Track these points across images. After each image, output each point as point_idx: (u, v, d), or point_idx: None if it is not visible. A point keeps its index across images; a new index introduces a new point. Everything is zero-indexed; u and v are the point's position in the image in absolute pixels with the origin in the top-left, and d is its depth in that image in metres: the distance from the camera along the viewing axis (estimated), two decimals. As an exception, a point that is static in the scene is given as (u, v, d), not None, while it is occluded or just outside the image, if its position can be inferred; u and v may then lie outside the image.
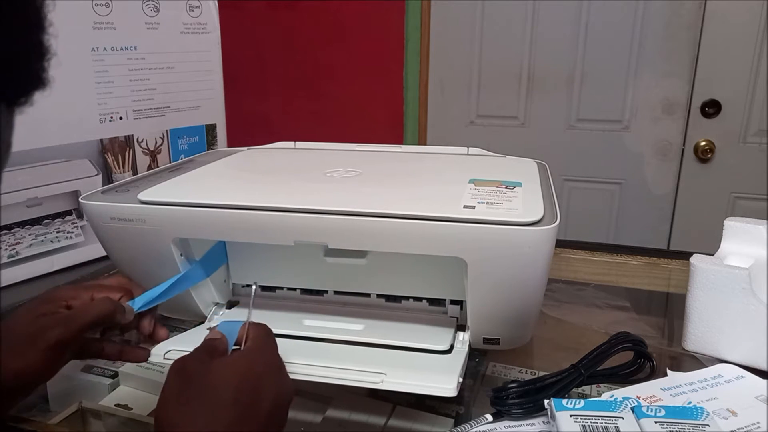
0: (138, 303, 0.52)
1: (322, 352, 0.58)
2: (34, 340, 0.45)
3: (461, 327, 0.62)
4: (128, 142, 0.99)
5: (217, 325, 0.48)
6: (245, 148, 0.86)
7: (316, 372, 0.52)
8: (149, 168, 1.01)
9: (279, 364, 0.45)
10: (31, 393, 0.47)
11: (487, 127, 1.83)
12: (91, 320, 0.47)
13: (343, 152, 0.83)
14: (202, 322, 0.65)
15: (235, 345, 0.47)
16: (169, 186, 0.65)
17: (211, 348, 0.45)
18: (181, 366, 0.42)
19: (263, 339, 0.46)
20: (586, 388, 0.59)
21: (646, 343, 0.62)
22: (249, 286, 0.69)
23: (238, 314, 0.66)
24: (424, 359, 0.56)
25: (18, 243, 0.87)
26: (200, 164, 0.75)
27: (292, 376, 0.46)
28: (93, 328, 0.48)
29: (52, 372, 0.47)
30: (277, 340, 0.60)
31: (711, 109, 1.61)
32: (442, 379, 0.51)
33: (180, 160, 0.80)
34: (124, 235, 0.60)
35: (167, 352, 0.54)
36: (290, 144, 0.87)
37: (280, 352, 0.46)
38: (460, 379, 0.52)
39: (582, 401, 0.50)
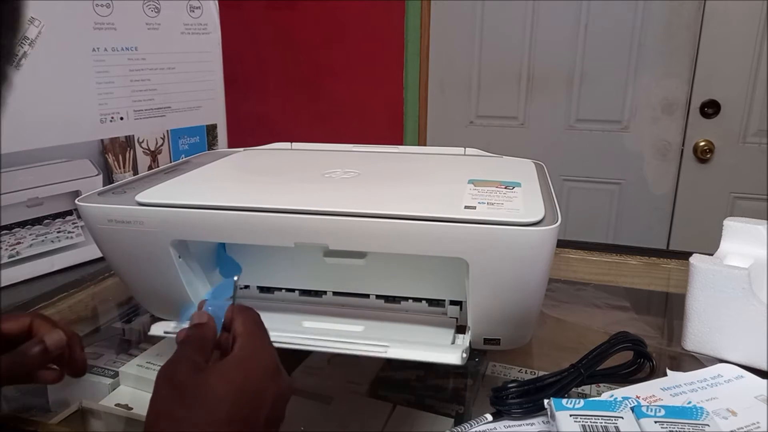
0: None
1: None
2: None
3: (461, 327, 0.62)
4: (129, 142, 0.99)
5: (204, 303, 0.44)
6: (242, 149, 0.86)
7: (320, 343, 0.52)
8: (150, 168, 1.01)
9: (275, 363, 0.42)
10: None
11: (486, 128, 1.83)
12: None
13: (339, 153, 0.83)
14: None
15: (223, 329, 0.43)
16: (167, 187, 0.64)
17: (200, 340, 0.41)
18: (170, 375, 0.38)
19: (253, 328, 0.42)
20: (586, 388, 0.59)
21: (645, 343, 0.62)
22: (247, 287, 0.69)
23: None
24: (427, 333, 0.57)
25: (18, 243, 0.87)
26: (197, 165, 0.75)
27: (294, 347, 0.44)
28: None
29: None
30: (277, 341, 0.60)
31: (710, 109, 1.61)
32: (447, 350, 0.52)
33: (176, 162, 0.80)
34: (121, 237, 0.60)
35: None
36: (287, 145, 0.87)
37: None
38: (464, 355, 0.52)
39: (582, 401, 0.50)
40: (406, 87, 1.85)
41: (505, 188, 0.61)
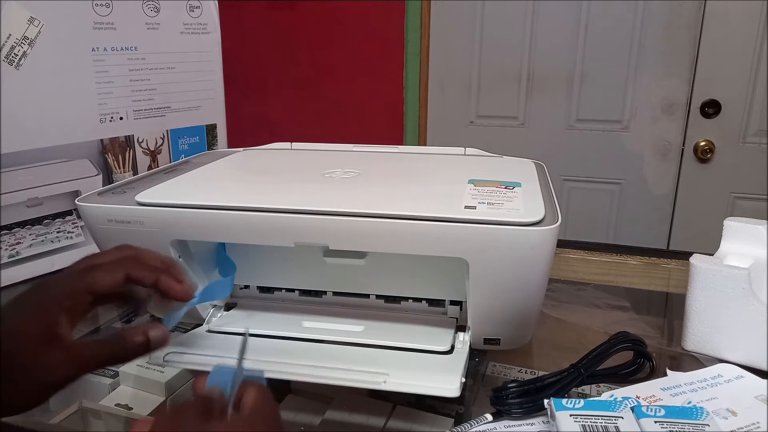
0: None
1: (322, 354, 0.58)
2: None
3: (461, 327, 0.62)
4: (129, 142, 0.99)
5: (210, 374, 0.41)
6: (241, 149, 0.86)
7: (318, 373, 0.52)
8: (149, 168, 1.01)
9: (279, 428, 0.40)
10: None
11: (487, 128, 1.83)
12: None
13: (339, 153, 0.83)
14: (200, 324, 0.65)
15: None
16: (167, 187, 0.65)
17: (209, 409, 0.38)
18: (173, 419, 0.37)
19: (262, 401, 0.40)
20: (586, 388, 0.59)
21: (645, 343, 0.62)
22: (247, 287, 0.69)
23: (237, 317, 0.66)
24: (425, 360, 0.57)
25: (18, 243, 0.87)
26: (196, 165, 0.75)
27: (293, 378, 0.43)
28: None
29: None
30: (277, 341, 0.60)
31: (711, 109, 1.61)
32: (444, 379, 0.51)
33: (176, 162, 0.80)
34: (121, 237, 0.59)
35: (167, 354, 0.54)
36: (287, 145, 0.87)
37: (280, 354, 0.45)
38: (463, 379, 0.52)
39: (582, 401, 0.50)
40: (406, 87, 1.85)
41: (505, 188, 0.61)
